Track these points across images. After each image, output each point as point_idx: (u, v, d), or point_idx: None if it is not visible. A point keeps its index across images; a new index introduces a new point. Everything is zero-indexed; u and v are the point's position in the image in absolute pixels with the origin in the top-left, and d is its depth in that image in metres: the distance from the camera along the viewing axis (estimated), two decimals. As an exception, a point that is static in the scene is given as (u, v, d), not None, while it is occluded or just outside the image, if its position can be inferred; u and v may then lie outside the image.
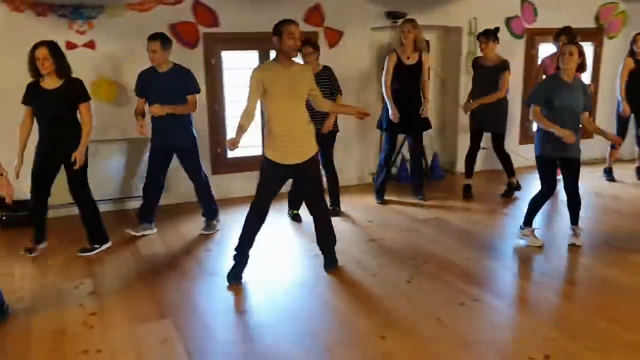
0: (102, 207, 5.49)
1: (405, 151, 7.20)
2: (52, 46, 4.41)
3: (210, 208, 5.38)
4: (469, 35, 7.26)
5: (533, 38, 7.59)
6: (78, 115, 4.61)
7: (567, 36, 6.01)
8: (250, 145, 6.50)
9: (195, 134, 5.14)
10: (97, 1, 5.58)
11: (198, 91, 5.04)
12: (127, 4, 5.67)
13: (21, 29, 5.41)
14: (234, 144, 3.98)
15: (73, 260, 4.65)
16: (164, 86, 4.88)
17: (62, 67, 4.47)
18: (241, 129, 4.03)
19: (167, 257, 4.72)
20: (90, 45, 5.70)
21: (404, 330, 3.44)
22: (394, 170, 7.15)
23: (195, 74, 5.10)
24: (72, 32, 5.58)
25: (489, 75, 6.08)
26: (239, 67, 6.44)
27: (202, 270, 4.46)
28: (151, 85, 4.94)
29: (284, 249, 4.92)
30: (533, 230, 4.83)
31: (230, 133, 5.89)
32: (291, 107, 4.00)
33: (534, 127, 5.43)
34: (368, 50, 6.91)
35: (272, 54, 6.48)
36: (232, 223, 5.50)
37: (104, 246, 4.86)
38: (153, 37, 4.85)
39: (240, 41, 6.23)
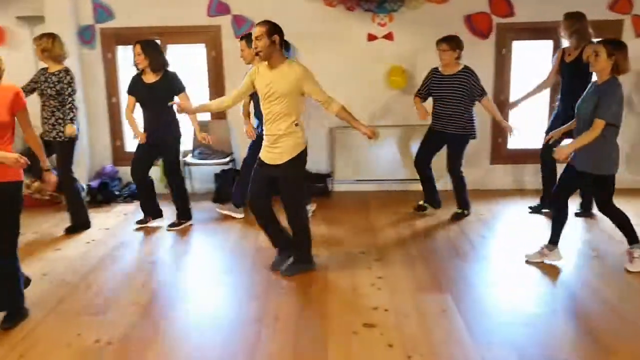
0: (386, 187, 6.05)
1: None
2: (145, 44, 4.90)
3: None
4: None
5: None
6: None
7: None
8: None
9: None
10: (399, -5, 6.04)
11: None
12: (427, -3, 6.02)
13: (332, 22, 6.14)
14: (186, 110, 4.37)
15: (358, 230, 5.20)
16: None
17: (156, 62, 4.92)
18: (202, 107, 4.49)
19: (444, 238, 4.96)
20: (389, 37, 6.19)
21: None
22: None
23: (485, 64, 5.22)
24: (374, 24, 6.13)
25: None
26: (529, 57, 6.35)
27: (477, 253, 4.59)
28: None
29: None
30: None
31: (512, 120, 5.82)
32: (269, 108, 3.97)
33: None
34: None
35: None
36: (499, 213, 5.55)
37: (188, 222, 5.33)
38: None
39: (533, 31, 6.11)
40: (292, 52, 6.19)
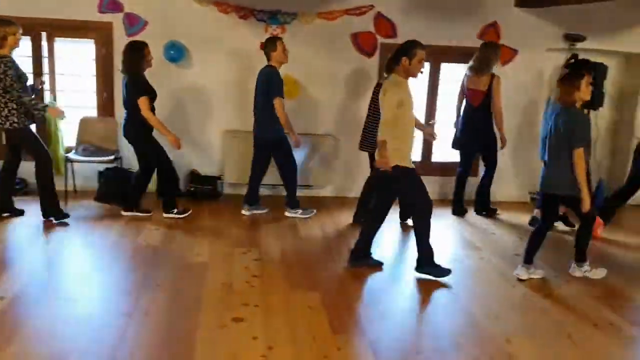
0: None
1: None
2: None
3: None
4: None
5: None
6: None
7: None
8: None
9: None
10: (292, 9, 6.27)
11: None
12: (318, 13, 6.30)
13: (225, 28, 6.27)
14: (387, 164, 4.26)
15: (245, 231, 5.35)
16: None
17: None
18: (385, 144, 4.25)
19: (323, 241, 5.24)
20: (280, 47, 6.38)
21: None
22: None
23: (369, 80, 5.62)
24: (267, 35, 6.30)
25: None
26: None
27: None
28: None
29: None
30: None
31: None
32: (412, 119, 4.45)
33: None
34: (540, 70, 6.88)
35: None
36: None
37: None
38: None
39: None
40: (182, 54, 6.24)
